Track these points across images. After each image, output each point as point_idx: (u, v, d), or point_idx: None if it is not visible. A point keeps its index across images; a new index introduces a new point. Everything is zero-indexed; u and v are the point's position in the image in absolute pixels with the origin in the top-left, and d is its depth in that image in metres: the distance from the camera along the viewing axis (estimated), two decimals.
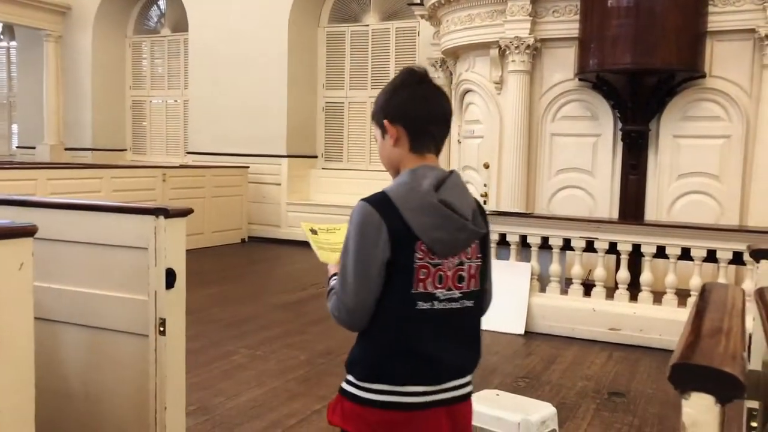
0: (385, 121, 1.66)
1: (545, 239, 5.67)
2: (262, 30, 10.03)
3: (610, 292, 5.44)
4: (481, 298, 1.71)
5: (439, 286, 1.61)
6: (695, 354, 0.83)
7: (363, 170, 10.15)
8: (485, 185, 6.99)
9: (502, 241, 5.86)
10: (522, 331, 5.51)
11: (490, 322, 5.56)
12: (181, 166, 9.93)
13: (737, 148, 5.93)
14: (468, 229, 1.61)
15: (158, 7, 12.09)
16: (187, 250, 2.49)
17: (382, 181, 2.01)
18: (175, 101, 11.83)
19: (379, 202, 1.59)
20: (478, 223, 1.65)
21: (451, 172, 1.66)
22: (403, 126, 1.65)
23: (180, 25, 11.38)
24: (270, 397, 3.93)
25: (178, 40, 11.58)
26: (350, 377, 1.66)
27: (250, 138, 10.19)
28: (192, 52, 10.82)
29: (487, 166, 6.98)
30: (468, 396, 1.71)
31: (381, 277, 1.58)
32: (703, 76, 5.93)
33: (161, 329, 2.29)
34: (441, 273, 1.61)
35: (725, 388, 0.78)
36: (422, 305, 1.60)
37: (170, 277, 2.30)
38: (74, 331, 2.44)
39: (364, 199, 1.61)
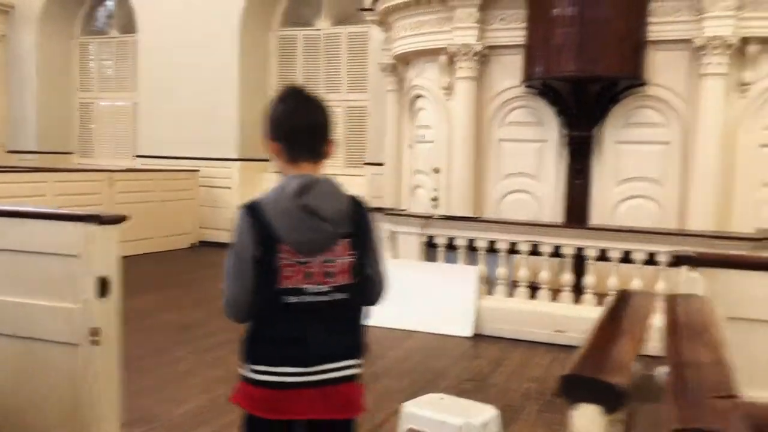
0: (266, 139, 1.89)
1: (492, 243, 5.77)
2: (213, 33, 9.93)
3: (555, 294, 5.55)
4: (357, 290, 1.90)
5: (307, 281, 1.82)
6: (586, 365, 0.86)
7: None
8: (436, 189, 7.05)
9: (450, 245, 5.93)
10: (470, 334, 5.57)
11: (437, 324, 5.65)
12: (129, 170, 9.75)
13: (676, 153, 6.12)
14: (325, 231, 1.81)
15: (106, 7, 11.85)
16: (136, 255, 2.49)
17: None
18: (125, 104, 11.61)
19: (251, 207, 1.82)
20: (342, 225, 1.84)
21: (322, 178, 1.86)
22: (278, 140, 1.88)
23: (129, 26, 11.18)
24: (217, 404, 3.89)
25: (127, 41, 11.37)
26: (240, 361, 1.91)
27: (202, 141, 10.07)
28: (142, 55, 10.64)
29: (437, 171, 7.04)
30: (347, 379, 1.91)
31: (253, 274, 1.81)
32: (644, 84, 6.11)
33: (94, 339, 2.25)
34: (308, 270, 1.82)
35: (610, 398, 0.81)
36: (291, 299, 1.82)
37: (103, 285, 2.26)
38: (3, 341, 2.38)
39: (242, 205, 1.84)
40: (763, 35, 5.76)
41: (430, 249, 6.06)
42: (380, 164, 8.57)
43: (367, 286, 1.95)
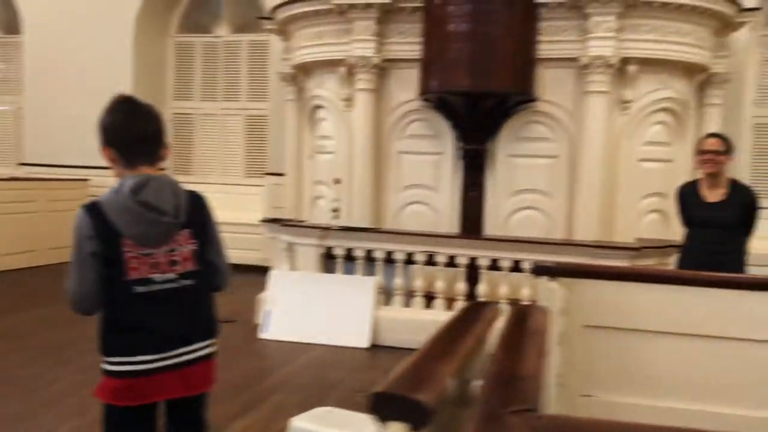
0: (102, 147, 2.06)
1: (390, 253, 5.82)
2: (105, 36, 9.53)
3: (450, 303, 5.66)
4: (203, 276, 2.06)
5: (154, 271, 1.96)
6: (398, 383, 0.87)
7: (213, 183, 9.86)
8: (336, 200, 7.03)
9: (349, 256, 5.94)
10: (367, 345, 5.58)
11: (335, 336, 5.62)
12: (11, 179, 9.17)
13: (564, 167, 6.39)
14: (164, 223, 1.95)
15: None
16: (19, 269, 2.35)
17: (234, 195, 2.27)
18: (8, 108, 10.91)
19: (89, 207, 1.96)
20: (180, 217, 1.99)
21: (157, 176, 2.00)
22: (113, 149, 2.05)
23: (13, 26, 10.54)
24: (93, 426, 3.69)
25: (11, 42, 10.71)
26: (100, 355, 2.00)
27: (92, 149, 9.55)
28: (28, 57, 10.05)
29: (338, 182, 7.03)
30: (203, 358, 2.07)
31: (96, 268, 1.93)
32: (535, 99, 6.35)
33: None
34: (154, 261, 1.96)
35: (416, 415, 0.82)
36: (139, 289, 1.95)
37: None
38: None
39: (82, 205, 1.97)
40: (641, 56, 6.13)
41: (328, 260, 6.04)
42: (281, 174, 8.47)
43: (211, 271, 2.09)
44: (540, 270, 2.19)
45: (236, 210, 8.68)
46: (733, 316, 2.20)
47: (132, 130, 2.04)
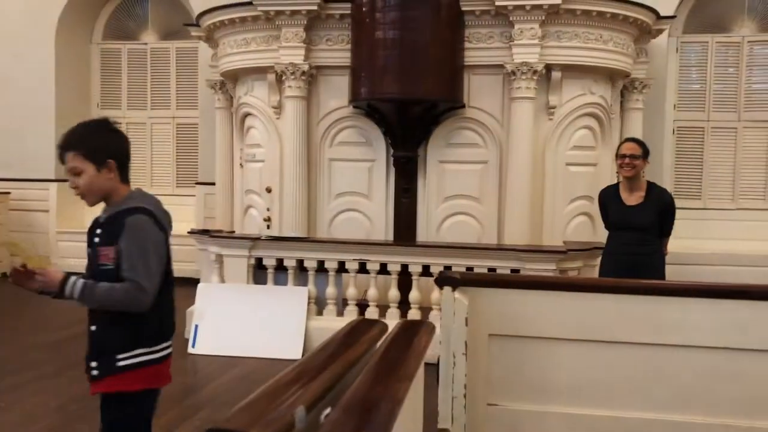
0: (110, 160, 2.28)
1: (321, 262, 5.76)
2: (24, 43, 9.15)
3: (383, 311, 5.63)
4: None
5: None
6: (238, 415, 0.83)
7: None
8: (268, 209, 6.93)
9: (280, 266, 5.85)
10: (299, 356, 5.50)
11: (267, 348, 5.52)
12: None
13: (493, 172, 6.47)
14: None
15: None
16: None
17: (166, 206, 2.44)
18: None
19: (147, 212, 2.29)
20: None
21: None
22: (116, 162, 2.31)
23: None
24: None
25: None
26: (122, 354, 2.23)
27: (12, 160, 9.22)
28: None
29: (269, 190, 6.93)
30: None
31: (162, 263, 2.28)
32: (463, 106, 6.41)
33: None
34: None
35: None
36: (171, 277, 2.35)
37: None
38: None
39: (139, 212, 2.26)
40: (564, 62, 6.26)
41: (259, 271, 5.93)
42: (212, 183, 8.29)
43: None
44: (443, 281, 2.18)
45: (175, 221, 8.44)
46: (634, 321, 2.24)
47: (128, 148, 2.37)
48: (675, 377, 2.34)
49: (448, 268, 5.49)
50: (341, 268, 5.73)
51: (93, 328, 2.27)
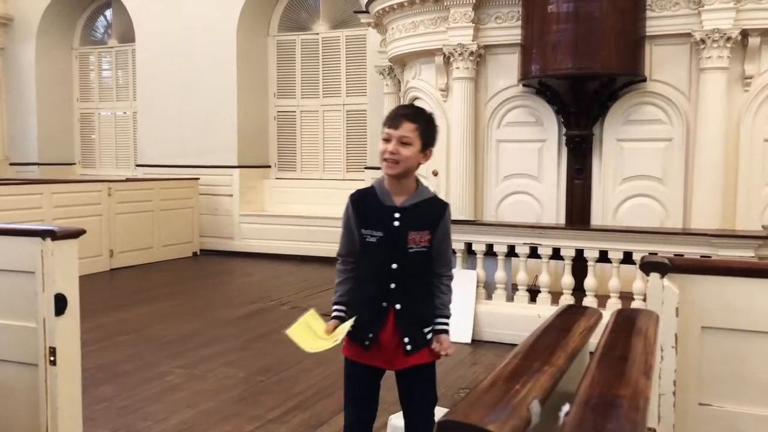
0: (432, 149, 2.40)
1: (490, 246, 5.64)
2: (211, 39, 9.87)
3: (556, 297, 5.41)
4: None
5: None
6: (471, 408, 0.75)
7: (317, 179, 10.04)
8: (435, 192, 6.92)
9: None
10: (469, 340, 5.45)
11: None
12: (128, 180, 9.71)
13: (679, 150, 5.96)
14: None
15: (105, 17, 11.84)
16: (136, 266, 2.42)
17: (336, 190, 2.68)
18: (125, 113, 11.59)
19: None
20: None
21: None
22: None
23: (128, 35, 11.16)
24: (201, 419, 3.80)
25: (126, 50, 11.35)
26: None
27: (201, 149, 10.01)
28: (140, 63, 10.60)
29: (435, 174, 6.92)
30: None
31: None
32: (644, 79, 5.95)
33: (51, 359, 2.15)
34: None
35: None
36: None
37: (60, 303, 2.16)
38: None
39: (443, 200, 2.57)
40: (763, 27, 5.59)
41: None
42: (380, 168, 8.44)
43: None
44: (650, 266, 1.97)
45: (340, 205, 8.74)
46: None
47: None
48: None
49: (627, 254, 5.15)
50: (511, 252, 5.58)
51: (398, 306, 2.38)
